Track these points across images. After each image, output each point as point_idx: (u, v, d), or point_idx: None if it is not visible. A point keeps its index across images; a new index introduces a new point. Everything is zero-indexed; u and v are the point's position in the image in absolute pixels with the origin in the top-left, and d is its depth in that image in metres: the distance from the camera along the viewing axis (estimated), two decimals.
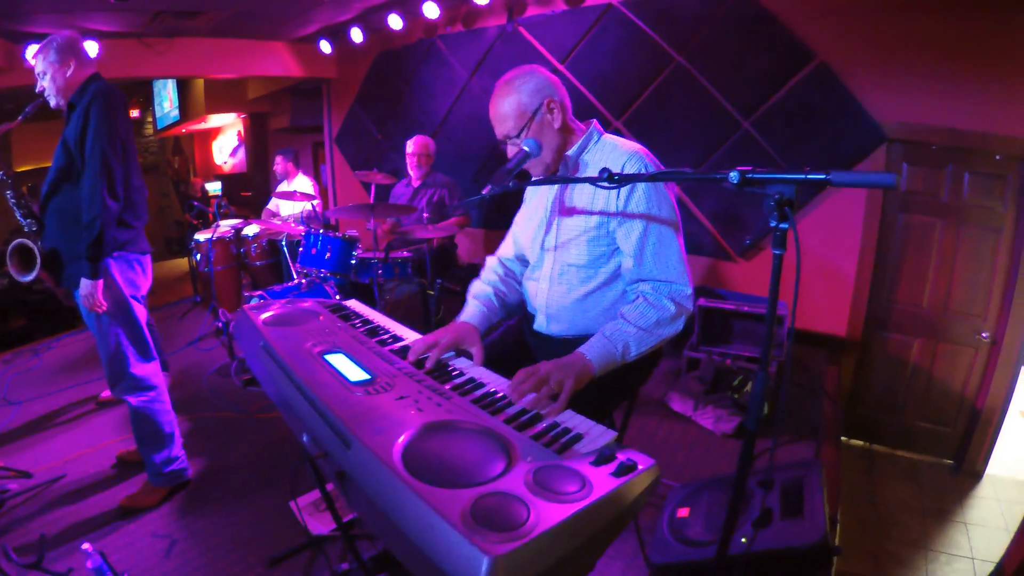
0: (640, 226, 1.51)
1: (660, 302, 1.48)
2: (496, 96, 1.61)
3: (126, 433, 3.04)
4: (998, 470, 3.82)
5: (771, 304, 0.99)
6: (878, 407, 4.08)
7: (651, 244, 1.51)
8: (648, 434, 3.12)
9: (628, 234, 1.53)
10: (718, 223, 4.27)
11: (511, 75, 1.61)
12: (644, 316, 1.46)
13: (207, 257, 4.77)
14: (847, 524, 3.36)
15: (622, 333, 1.44)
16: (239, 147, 10.34)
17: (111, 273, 2.28)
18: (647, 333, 1.45)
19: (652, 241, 1.51)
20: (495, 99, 1.61)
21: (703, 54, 4.12)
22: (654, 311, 1.47)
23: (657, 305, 1.48)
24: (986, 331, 3.66)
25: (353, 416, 1.10)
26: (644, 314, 1.47)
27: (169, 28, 4.94)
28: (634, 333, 1.44)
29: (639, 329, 1.45)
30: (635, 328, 1.45)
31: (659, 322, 1.46)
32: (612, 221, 1.55)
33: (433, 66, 5.65)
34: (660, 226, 1.52)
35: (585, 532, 0.83)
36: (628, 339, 1.43)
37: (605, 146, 1.62)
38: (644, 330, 1.45)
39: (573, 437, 1.07)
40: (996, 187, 3.54)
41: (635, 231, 1.52)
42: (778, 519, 1.69)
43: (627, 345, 1.43)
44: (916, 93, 3.55)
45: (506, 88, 1.60)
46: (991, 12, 3.25)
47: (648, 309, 1.47)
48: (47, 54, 2.22)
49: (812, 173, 0.93)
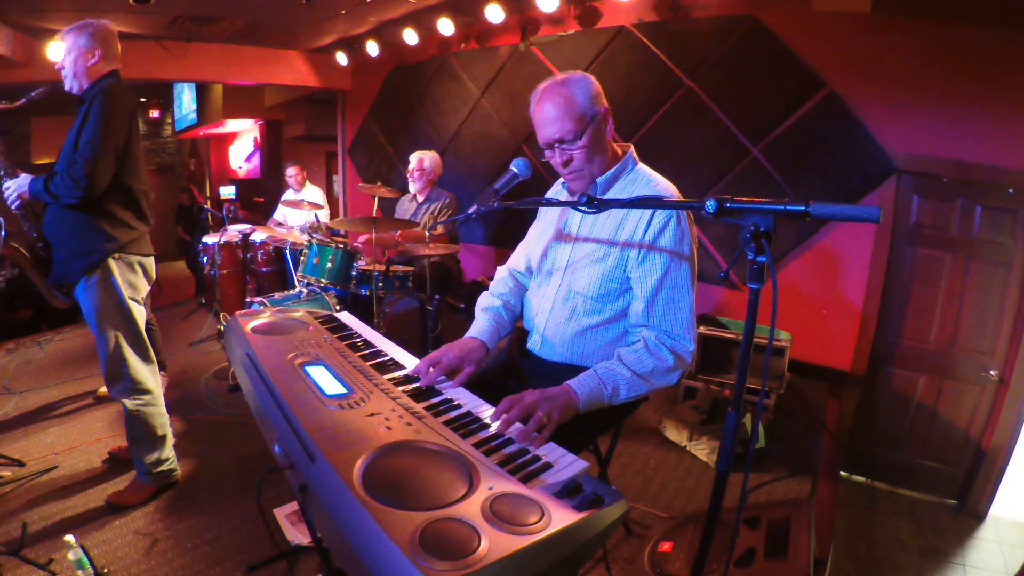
0: (659, 272, 1.47)
1: (660, 352, 1.44)
2: (547, 95, 1.48)
3: (120, 429, 3.05)
4: (1002, 512, 3.72)
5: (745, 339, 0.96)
6: (880, 443, 4.00)
7: (664, 293, 1.47)
8: (640, 462, 3.07)
9: (645, 278, 1.48)
10: (723, 250, 4.24)
11: (565, 77, 1.49)
12: (641, 362, 1.43)
13: (213, 260, 4.80)
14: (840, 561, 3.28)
15: (615, 375, 1.40)
16: (254, 153, 10.46)
17: (111, 275, 2.28)
18: (641, 380, 1.42)
19: (667, 290, 1.47)
20: (546, 98, 1.48)
21: (713, 79, 4.12)
22: (652, 360, 1.43)
23: (656, 354, 1.44)
24: (994, 368, 3.59)
25: (320, 429, 1.08)
26: (641, 360, 1.43)
27: (187, 32, 5.02)
28: (628, 377, 1.41)
29: (633, 374, 1.41)
30: (630, 372, 1.41)
31: (654, 371, 1.43)
32: (632, 259, 1.50)
33: (445, 82, 5.71)
34: (678, 275, 1.47)
35: (538, 566, 0.80)
36: (619, 382, 1.40)
37: (639, 179, 1.56)
38: (638, 376, 1.41)
39: (541, 466, 1.05)
40: (1007, 222, 3.49)
41: (653, 276, 1.47)
42: (761, 559, 1.64)
43: (617, 388, 1.40)
44: (927, 125, 3.52)
45: (560, 88, 1.47)
46: (1004, 45, 3.24)
47: (646, 356, 1.43)
48: (79, 36, 2.23)
49: (792, 205, 0.91)
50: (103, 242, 2.24)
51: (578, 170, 1.53)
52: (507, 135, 5.33)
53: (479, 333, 1.65)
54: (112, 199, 2.25)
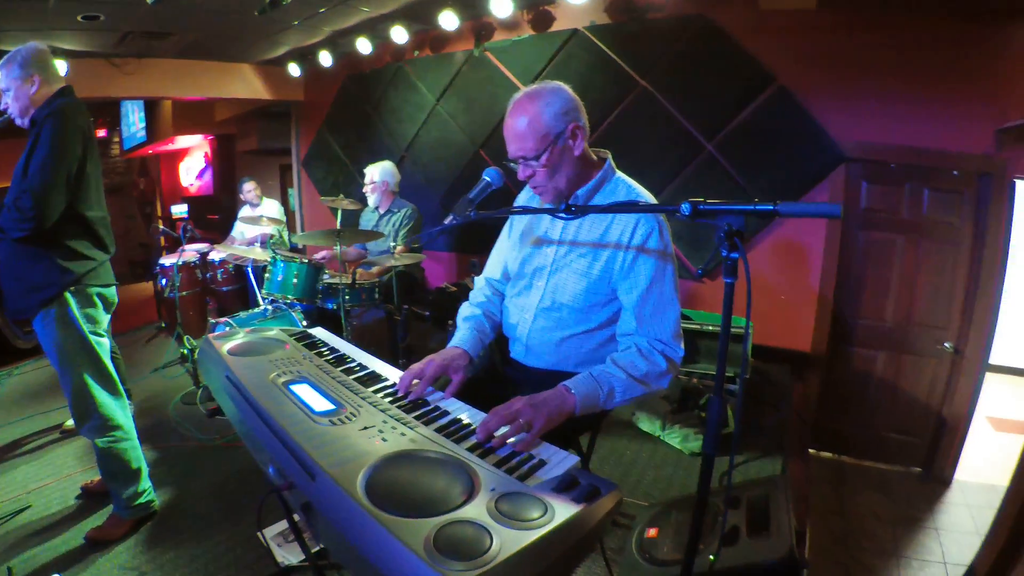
0: (645, 280, 1.50)
1: (653, 356, 1.47)
2: (516, 111, 1.49)
3: (90, 463, 2.96)
4: (967, 476, 3.93)
5: (723, 331, 1.01)
6: (845, 419, 4.17)
7: (652, 301, 1.50)
8: (617, 455, 3.14)
9: (632, 286, 1.51)
10: (684, 245, 4.36)
11: (536, 90, 1.49)
12: (635, 365, 1.45)
13: (172, 282, 4.69)
14: (817, 536, 3.40)
15: (610, 377, 1.42)
16: (206, 169, 10.23)
17: (68, 309, 2.18)
18: (636, 382, 1.43)
19: (654, 298, 1.50)
20: (515, 114, 1.49)
21: (667, 79, 4.24)
22: (645, 363, 1.46)
23: (650, 358, 1.46)
24: (948, 341, 3.79)
25: (317, 447, 1.09)
26: (635, 363, 1.45)
27: (138, 48, 4.90)
28: (623, 379, 1.42)
29: (629, 376, 1.43)
30: (625, 375, 1.43)
31: (648, 375, 1.45)
32: (617, 270, 1.52)
33: (401, 90, 5.70)
34: (663, 283, 1.50)
35: (549, 557, 0.84)
36: (615, 384, 1.42)
37: (619, 188, 1.59)
38: (634, 379, 1.43)
39: (536, 464, 1.09)
40: (954, 203, 3.69)
41: (639, 285, 1.50)
42: (745, 536, 1.71)
43: (612, 390, 1.41)
44: (874, 114, 3.70)
45: (529, 104, 1.47)
46: (944, 34, 3.43)
47: (640, 360, 1.46)
48: (9, 69, 2.09)
49: (761, 205, 0.97)
50: (58, 275, 2.13)
51: (541, 185, 1.54)
52: (465, 140, 5.35)
53: (461, 342, 1.65)
54: (65, 230, 2.12)
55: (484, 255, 1.93)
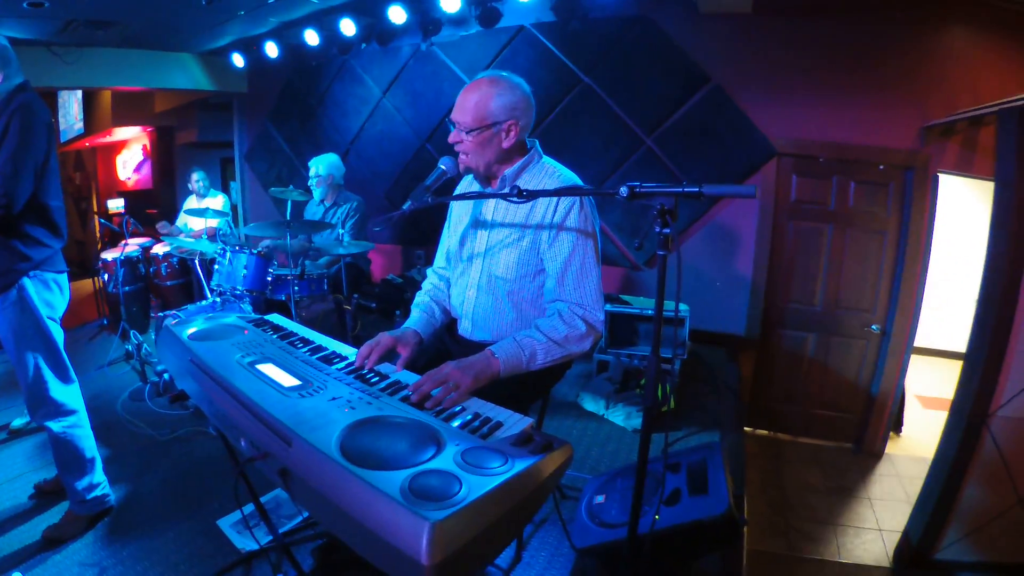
0: (567, 250, 1.64)
1: (573, 320, 1.62)
2: (473, 86, 1.66)
3: (42, 463, 2.91)
4: (896, 450, 4.26)
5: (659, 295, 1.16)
6: (779, 398, 4.46)
7: (573, 269, 1.65)
8: (563, 433, 3.19)
9: (555, 256, 1.65)
10: (622, 234, 4.55)
11: (497, 78, 1.66)
12: (555, 330, 1.60)
13: (115, 277, 4.57)
14: (758, 507, 3.63)
15: (532, 341, 1.57)
16: (144, 162, 9.86)
17: (27, 294, 2.19)
18: (556, 345, 1.58)
19: (575, 267, 1.64)
20: (471, 88, 1.65)
21: (609, 76, 4.40)
22: (565, 327, 1.60)
23: (570, 323, 1.61)
24: (876, 324, 4.09)
25: (291, 416, 1.17)
26: (556, 328, 1.60)
27: (80, 37, 4.73)
28: (544, 343, 1.57)
29: (549, 340, 1.58)
30: (546, 339, 1.58)
31: (568, 338, 1.60)
32: (543, 241, 1.67)
33: (347, 83, 5.68)
34: (584, 252, 1.65)
35: (511, 500, 0.96)
36: (536, 348, 1.56)
37: (544, 170, 1.73)
38: (554, 342, 1.58)
39: (494, 425, 1.20)
40: (880, 194, 3.99)
41: (562, 254, 1.65)
42: (686, 497, 1.87)
43: (534, 353, 1.56)
44: (803, 111, 3.96)
45: (486, 87, 1.64)
46: (869, 37, 3.72)
47: (560, 324, 1.61)
48: None
49: (688, 187, 1.11)
50: (18, 262, 2.15)
51: (464, 153, 1.68)
52: (411, 134, 5.37)
53: (412, 323, 1.81)
54: (27, 217, 2.16)
55: (428, 247, 2.04)
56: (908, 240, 3.89)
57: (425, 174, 1.70)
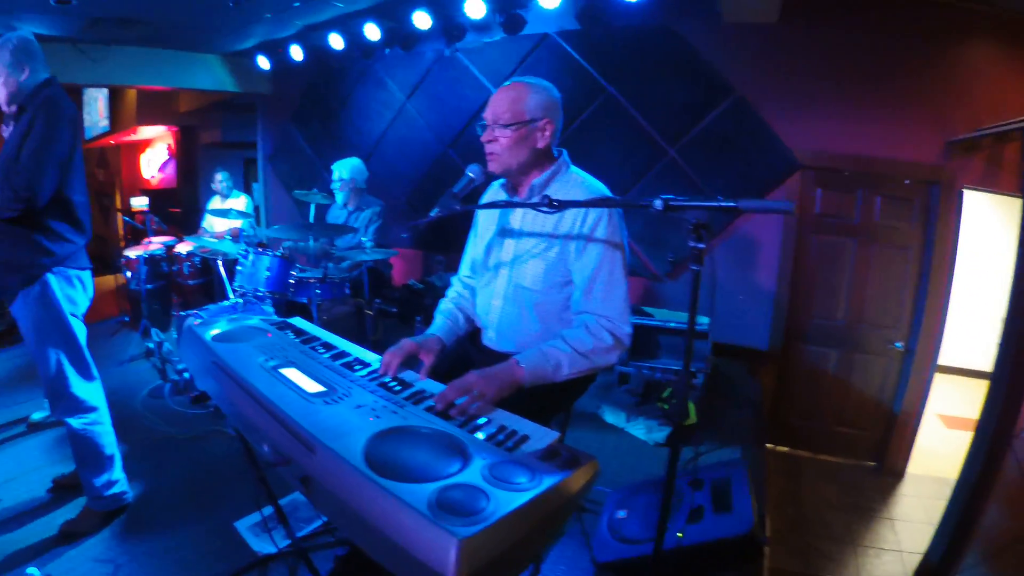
0: (595, 261, 1.62)
1: (600, 333, 1.59)
2: (509, 87, 1.67)
3: (59, 457, 2.93)
4: (918, 469, 4.15)
5: (691, 310, 1.13)
6: (799, 415, 4.38)
7: (601, 281, 1.63)
8: (584, 446, 3.15)
9: (583, 267, 1.63)
10: (644, 245, 4.51)
11: (532, 80, 1.68)
12: (582, 341, 1.57)
13: (138, 275, 4.62)
14: (776, 524, 3.57)
15: (557, 352, 1.54)
16: (168, 161, 9.99)
17: (50, 290, 2.21)
18: (582, 357, 1.56)
19: (603, 278, 1.63)
20: (507, 88, 1.67)
21: (632, 85, 4.39)
22: (592, 339, 1.58)
23: (597, 335, 1.59)
24: (899, 341, 4.01)
25: (315, 423, 1.16)
26: (582, 339, 1.58)
27: (107, 35, 4.80)
28: (569, 354, 1.54)
29: (575, 351, 1.55)
30: (571, 350, 1.55)
31: (594, 350, 1.58)
32: (571, 252, 1.65)
33: (370, 87, 5.71)
34: (613, 264, 1.63)
35: (537, 516, 0.94)
36: (561, 358, 1.54)
37: (572, 180, 1.71)
38: (579, 354, 1.56)
39: (520, 438, 1.18)
40: (905, 209, 3.92)
41: (590, 265, 1.62)
42: (710, 514, 1.84)
43: (559, 364, 1.54)
44: (828, 123, 3.91)
45: (521, 85, 1.66)
46: (900, 51, 3.67)
47: (586, 336, 1.59)
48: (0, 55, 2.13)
49: (724, 201, 1.09)
50: (41, 256, 2.17)
51: (496, 153, 1.66)
52: (433, 139, 5.38)
53: (435, 330, 1.79)
54: (51, 212, 2.17)
55: (449, 253, 2.03)
56: (933, 256, 3.82)
57: (447, 179, 1.69)
